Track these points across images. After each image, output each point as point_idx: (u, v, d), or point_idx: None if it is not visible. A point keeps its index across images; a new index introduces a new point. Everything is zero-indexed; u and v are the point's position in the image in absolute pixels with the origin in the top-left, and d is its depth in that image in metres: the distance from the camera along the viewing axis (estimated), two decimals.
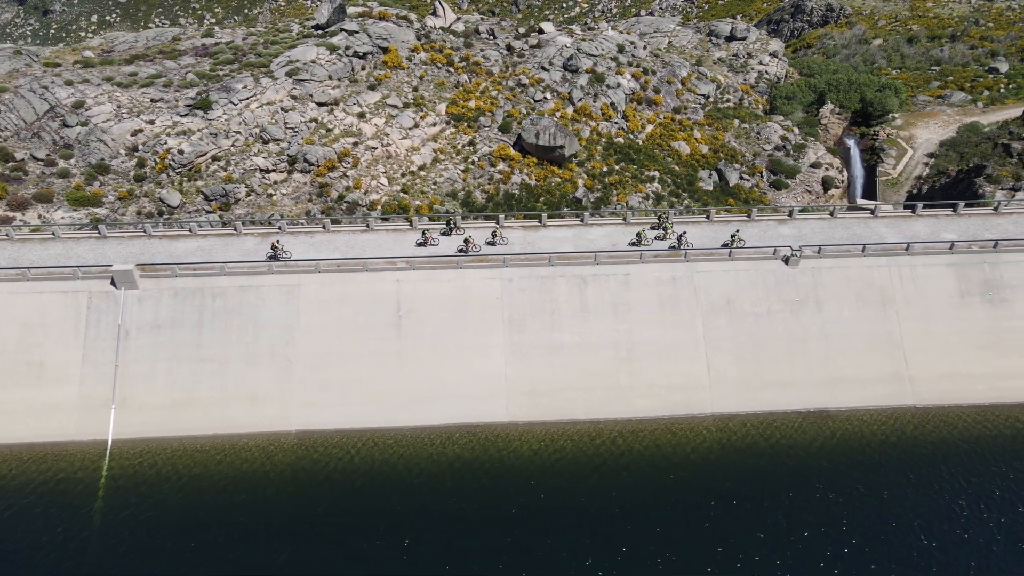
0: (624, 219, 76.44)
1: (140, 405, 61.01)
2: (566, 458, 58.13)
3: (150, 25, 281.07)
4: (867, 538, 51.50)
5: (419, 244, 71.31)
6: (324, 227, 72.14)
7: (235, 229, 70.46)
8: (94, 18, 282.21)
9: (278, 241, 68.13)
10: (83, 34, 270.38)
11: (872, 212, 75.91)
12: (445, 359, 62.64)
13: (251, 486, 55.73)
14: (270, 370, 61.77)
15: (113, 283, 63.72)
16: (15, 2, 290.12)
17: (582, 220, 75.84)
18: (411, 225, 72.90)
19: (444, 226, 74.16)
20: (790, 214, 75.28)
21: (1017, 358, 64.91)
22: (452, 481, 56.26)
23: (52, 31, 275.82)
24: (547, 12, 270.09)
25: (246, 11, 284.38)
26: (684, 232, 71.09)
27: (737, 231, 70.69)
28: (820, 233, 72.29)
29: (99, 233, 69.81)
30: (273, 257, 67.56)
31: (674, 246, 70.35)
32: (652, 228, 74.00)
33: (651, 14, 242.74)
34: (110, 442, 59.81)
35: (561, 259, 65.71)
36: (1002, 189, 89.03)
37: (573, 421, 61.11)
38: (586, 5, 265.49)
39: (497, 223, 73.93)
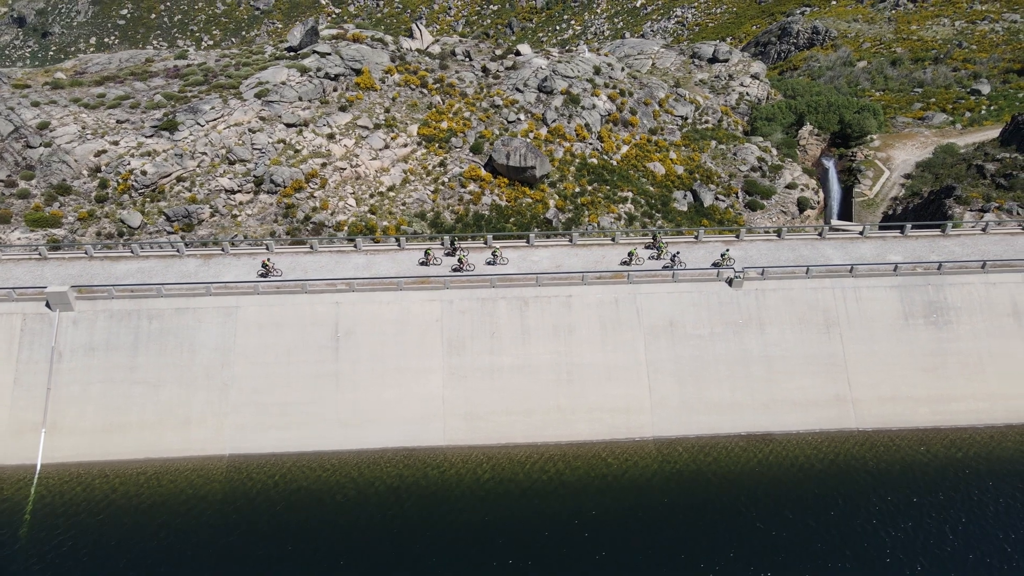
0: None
1: (71, 429, 60.16)
2: (503, 482, 57.36)
3: (148, 47, 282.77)
4: (810, 563, 50.83)
5: (421, 263, 71.19)
6: (267, 247, 71.93)
7: (178, 251, 70.13)
8: (93, 40, 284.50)
9: (268, 259, 68.06)
10: (82, 56, 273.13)
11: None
12: (383, 382, 61.96)
13: (181, 511, 54.87)
14: (204, 393, 61.09)
15: (48, 305, 63.29)
16: (15, 24, 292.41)
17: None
18: (356, 248, 72.62)
19: (449, 246, 74.30)
20: (737, 236, 74.87)
21: (960, 381, 64.30)
22: (386, 506, 55.39)
23: (51, 53, 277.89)
24: (540, 34, 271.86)
25: (243, 33, 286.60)
26: (678, 252, 70.92)
27: (727, 250, 70.38)
28: (767, 255, 71.90)
29: (40, 255, 69.34)
30: (264, 275, 67.45)
31: (667, 266, 70.09)
32: (647, 247, 73.89)
33: (643, 36, 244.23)
34: (39, 467, 58.94)
35: (503, 281, 65.31)
36: (971, 210, 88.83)
37: (511, 445, 60.37)
38: (579, 27, 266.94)
39: (486, 243, 74.31)
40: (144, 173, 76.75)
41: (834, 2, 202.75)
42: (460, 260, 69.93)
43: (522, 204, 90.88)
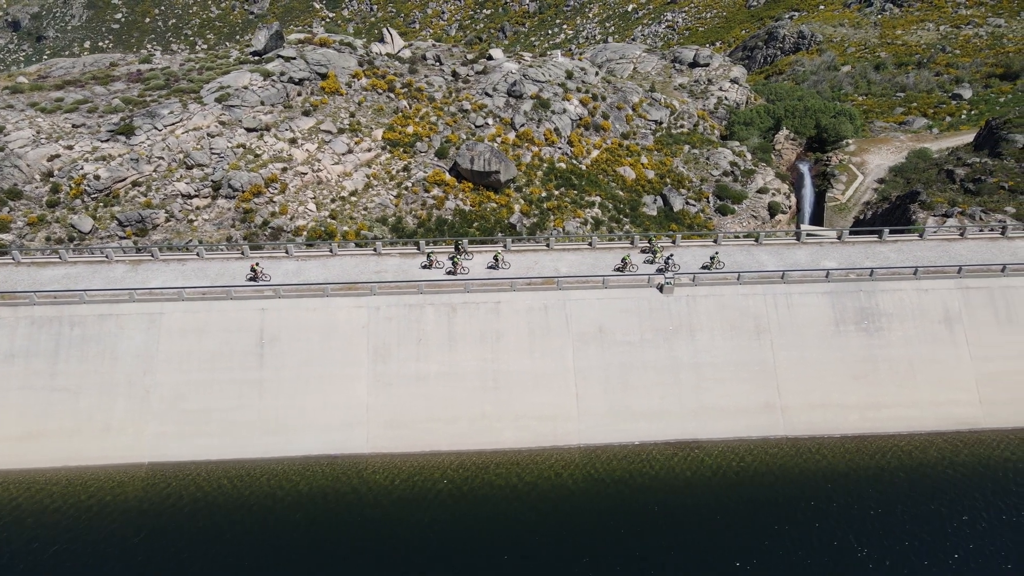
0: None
1: None
2: (427, 490, 56.64)
3: (142, 51, 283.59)
4: (739, 570, 50.15)
5: (424, 267, 70.85)
6: (198, 255, 71.31)
7: (107, 256, 69.66)
8: (87, 44, 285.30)
9: (257, 264, 67.58)
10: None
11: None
12: (307, 389, 61.37)
13: (97, 519, 54.11)
14: (125, 401, 60.43)
15: None
16: (9, 28, 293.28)
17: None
18: (287, 254, 72.03)
19: (452, 250, 73.69)
20: (674, 242, 74.30)
21: (890, 388, 63.53)
22: (307, 514, 54.70)
23: (46, 57, 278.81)
24: (533, 38, 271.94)
25: (238, 37, 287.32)
26: (671, 255, 70.55)
27: (716, 253, 70.06)
28: (702, 260, 71.39)
29: None
30: (253, 279, 67.06)
31: (661, 269, 69.75)
32: (642, 251, 73.53)
33: (634, 39, 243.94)
34: None
35: (431, 287, 64.73)
36: (935, 215, 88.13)
37: (435, 452, 59.70)
38: (571, 32, 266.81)
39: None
40: (97, 178, 76.53)
41: (822, 7, 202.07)
42: (454, 263, 69.44)
43: (486, 209, 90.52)
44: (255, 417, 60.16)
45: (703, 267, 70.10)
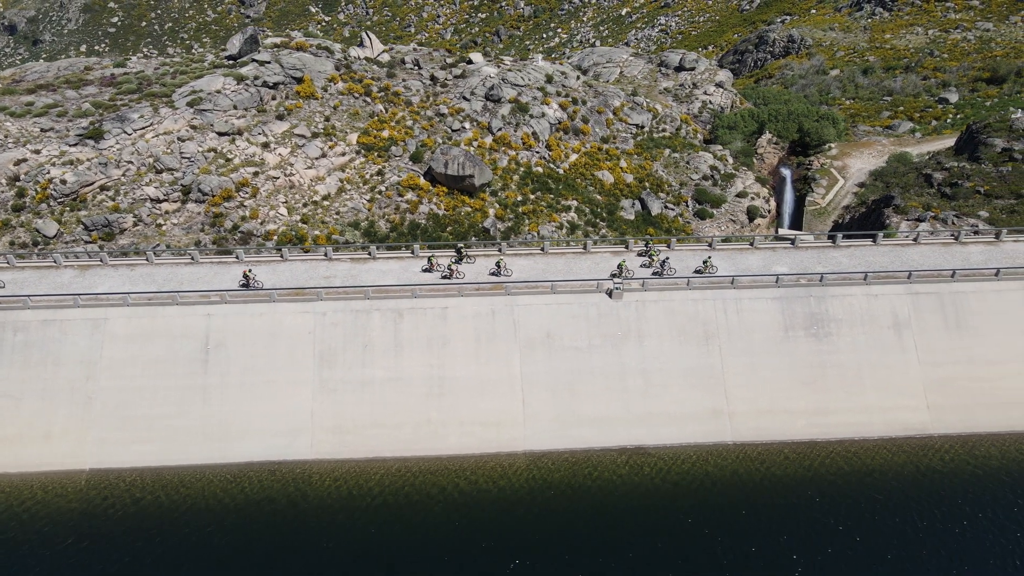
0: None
1: None
2: (369, 496, 56.29)
3: (138, 54, 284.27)
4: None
5: (425, 271, 70.87)
6: (148, 260, 71.28)
7: (55, 261, 69.39)
8: (83, 48, 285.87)
9: (250, 270, 67.47)
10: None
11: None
12: (252, 395, 61.07)
13: (35, 527, 53.76)
14: (67, 407, 60.03)
15: None
16: (6, 32, 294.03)
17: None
18: (238, 259, 71.85)
19: (455, 253, 73.74)
20: (626, 246, 74.08)
21: (838, 394, 63.12)
22: (246, 520, 54.28)
23: (42, 60, 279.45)
24: (528, 42, 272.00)
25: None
26: (667, 258, 70.56)
27: (709, 257, 69.97)
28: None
29: None
30: (245, 286, 66.86)
31: (657, 272, 69.72)
32: (639, 255, 73.52)
33: (627, 44, 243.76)
34: None
35: (378, 292, 64.43)
36: (908, 220, 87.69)
37: (379, 459, 59.31)
38: (565, 35, 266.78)
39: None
40: (64, 182, 76.45)
41: (813, 11, 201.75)
42: (450, 268, 69.37)
43: (460, 213, 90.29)
44: (198, 423, 59.85)
45: (696, 271, 69.84)
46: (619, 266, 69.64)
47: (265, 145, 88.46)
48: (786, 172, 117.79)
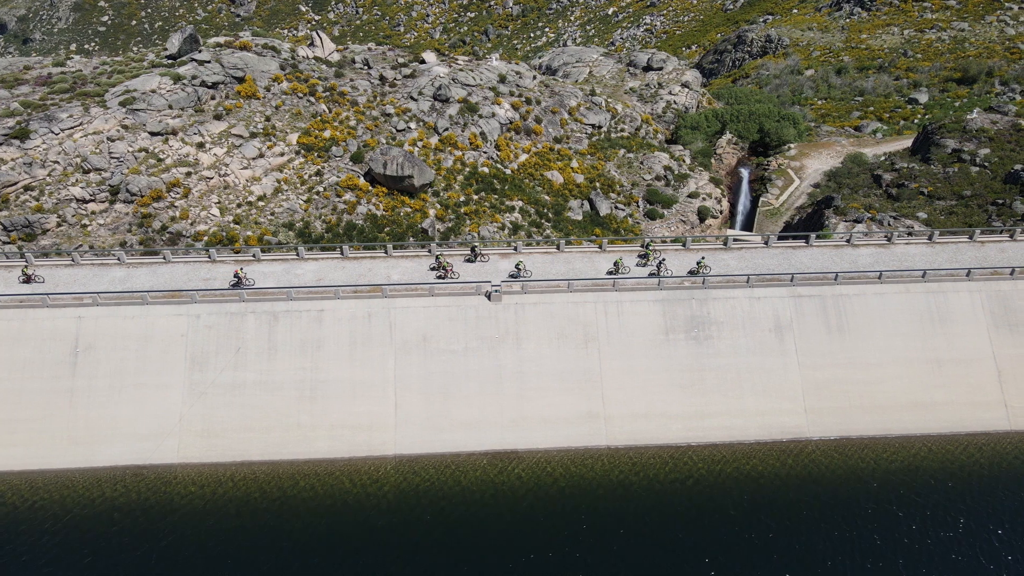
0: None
1: None
2: (233, 501, 55.45)
3: (129, 53, 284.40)
4: None
5: (432, 269, 70.35)
6: (27, 262, 70.14)
7: None
8: (73, 47, 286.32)
9: (241, 269, 67.21)
10: None
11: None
12: (120, 399, 60.28)
13: None
14: None
15: None
16: None
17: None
18: (164, 259, 71.11)
19: (469, 252, 73.42)
20: (515, 249, 73.16)
21: (716, 397, 62.04)
22: (108, 525, 53.54)
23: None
24: (516, 41, 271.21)
25: None
26: (664, 259, 70.10)
27: (703, 258, 69.34)
28: (540, 267, 70.13)
29: None
30: (236, 285, 66.53)
31: (653, 272, 69.05)
32: (639, 256, 72.70)
33: (612, 44, 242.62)
34: None
35: (253, 294, 63.60)
36: (845, 221, 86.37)
37: (247, 462, 58.51)
38: (553, 35, 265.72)
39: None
40: None
41: (795, 11, 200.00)
42: (444, 268, 68.84)
43: (400, 214, 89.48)
44: (63, 427, 59.08)
45: (690, 272, 69.08)
46: (615, 263, 69.41)
47: (200, 145, 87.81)
48: (744, 172, 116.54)
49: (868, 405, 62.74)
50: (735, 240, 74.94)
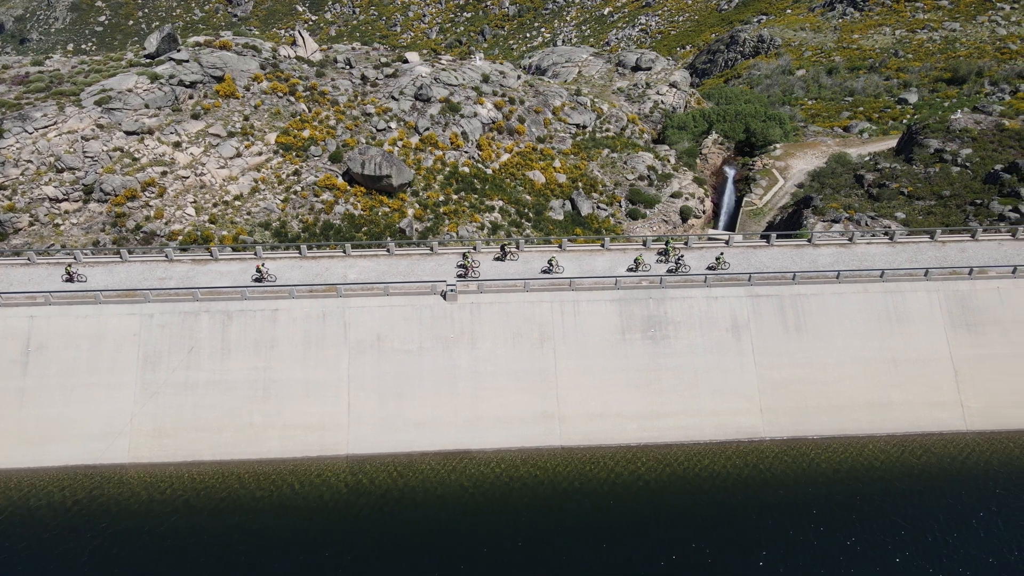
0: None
1: None
2: (183, 501, 55.13)
3: (109, 53, 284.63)
4: None
5: (460, 265, 69.75)
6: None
7: None
8: (70, 47, 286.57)
9: (263, 264, 67.39)
10: None
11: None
12: (71, 398, 59.95)
13: None
14: None
15: None
16: None
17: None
18: (121, 258, 70.94)
19: (498, 251, 72.98)
20: (474, 248, 72.82)
21: (672, 397, 61.60)
22: (56, 527, 53.17)
23: (28, 59, 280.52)
24: (512, 41, 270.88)
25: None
26: (682, 255, 69.75)
27: (721, 254, 68.99)
28: (496, 267, 69.86)
29: None
30: (258, 281, 66.80)
31: (671, 269, 68.84)
32: (659, 253, 72.43)
33: (608, 44, 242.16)
34: None
35: (207, 294, 63.24)
36: (823, 221, 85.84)
37: (197, 463, 58.19)
38: (549, 35, 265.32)
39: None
40: None
41: (789, 11, 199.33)
42: (465, 267, 68.50)
43: (378, 213, 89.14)
44: (13, 426, 58.79)
45: (708, 267, 68.82)
46: (635, 260, 69.21)
47: (177, 144, 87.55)
48: (729, 172, 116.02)
49: (825, 405, 62.27)
50: (698, 240, 74.53)
